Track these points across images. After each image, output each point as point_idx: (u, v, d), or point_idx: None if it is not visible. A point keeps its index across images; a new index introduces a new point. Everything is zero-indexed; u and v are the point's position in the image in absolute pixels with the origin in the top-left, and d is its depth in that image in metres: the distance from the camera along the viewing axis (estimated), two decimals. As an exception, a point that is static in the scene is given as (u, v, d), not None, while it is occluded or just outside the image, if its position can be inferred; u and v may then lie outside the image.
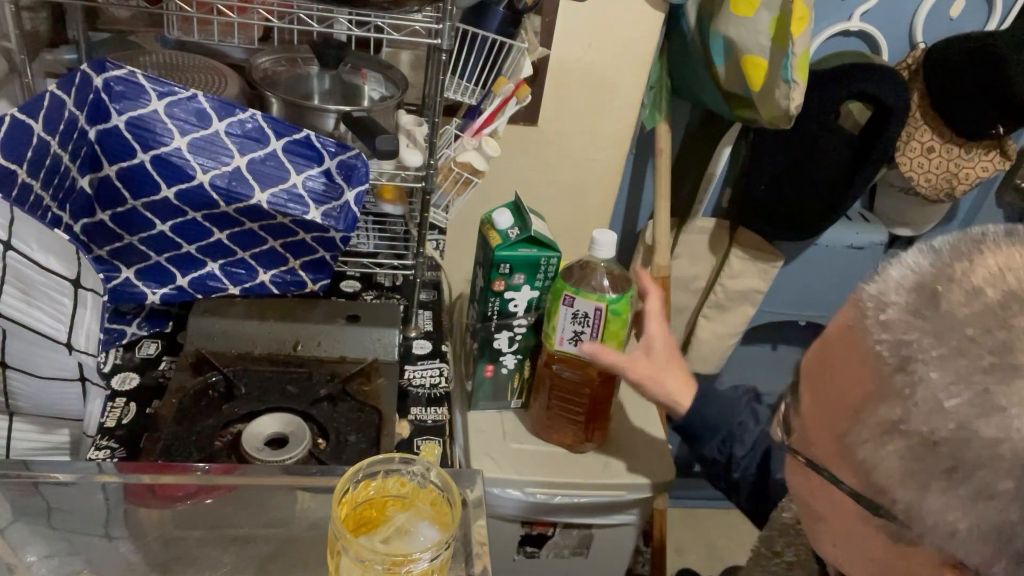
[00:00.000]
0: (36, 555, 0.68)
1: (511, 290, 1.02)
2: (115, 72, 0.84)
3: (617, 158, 1.45)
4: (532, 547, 1.18)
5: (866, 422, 0.39)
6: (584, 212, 1.50)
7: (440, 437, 0.95)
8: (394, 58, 1.19)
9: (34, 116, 0.73)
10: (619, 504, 1.11)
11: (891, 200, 1.58)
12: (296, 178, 0.91)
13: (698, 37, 1.25)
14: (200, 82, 1.00)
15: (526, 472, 1.06)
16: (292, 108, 0.95)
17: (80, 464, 0.82)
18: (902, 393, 0.37)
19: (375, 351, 1.00)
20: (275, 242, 0.99)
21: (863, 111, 1.38)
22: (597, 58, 1.32)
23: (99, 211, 0.90)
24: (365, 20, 0.89)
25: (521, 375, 1.11)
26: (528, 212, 1.01)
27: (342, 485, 0.61)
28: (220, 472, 0.78)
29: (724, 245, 1.58)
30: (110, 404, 0.91)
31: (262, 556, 0.71)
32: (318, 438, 0.88)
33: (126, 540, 0.72)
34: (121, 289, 0.97)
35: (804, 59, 1.11)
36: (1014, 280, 0.36)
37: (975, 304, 0.36)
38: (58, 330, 0.75)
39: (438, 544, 0.59)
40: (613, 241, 0.95)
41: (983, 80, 1.28)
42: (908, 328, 0.37)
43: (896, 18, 1.41)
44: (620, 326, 0.97)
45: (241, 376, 0.93)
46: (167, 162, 0.86)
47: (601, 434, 1.10)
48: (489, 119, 1.05)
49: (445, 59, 0.89)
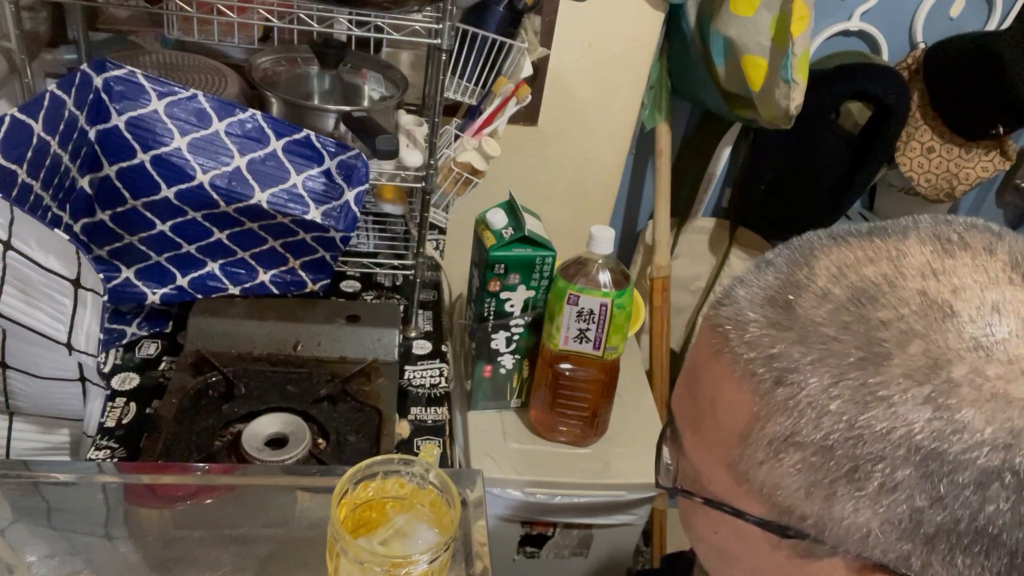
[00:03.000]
0: (36, 555, 0.68)
1: (507, 290, 1.02)
2: (115, 72, 0.84)
3: (617, 158, 1.45)
4: (532, 547, 1.18)
5: (757, 443, 0.38)
6: (584, 212, 1.50)
7: (440, 437, 0.96)
8: (394, 58, 1.19)
9: (34, 116, 0.73)
10: (619, 504, 1.11)
11: (891, 200, 1.58)
12: (296, 178, 0.91)
13: (698, 37, 1.25)
14: (200, 82, 1.00)
15: (526, 472, 1.06)
16: (292, 108, 0.95)
17: (80, 464, 0.82)
18: (786, 406, 0.37)
19: (375, 351, 1.00)
20: (275, 242, 0.99)
21: (863, 111, 1.38)
22: (597, 58, 1.32)
23: (99, 211, 0.90)
24: (365, 20, 0.89)
25: (520, 375, 1.11)
26: (522, 212, 1.01)
27: (341, 486, 0.61)
28: (220, 472, 0.78)
29: (724, 245, 1.58)
30: (110, 404, 0.91)
31: (262, 556, 0.71)
32: (318, 438, 0.88)
33: (126, 540, 0.72)
34: (121, 289, 0.97)
35: (804, 59, 1.11)
36: (855, 276, 0.37)
37: (827, 305, 0.37)
38: (58, 330, 0.75)
39: (437, 546, 0.59)
40: (611, 237, 0.95)
41: (983, 80, 1.28)
42: (774, 341, 0.37)
43: (896, 18, 1.41)
44: (624, 319, 0.98)
45: (241, 376, 0.93)
46: (167, 162, 0.86)
47: (605, 426, 1.10)
48: (489, 119, 1.05)
49: (445, 59, 0.89)
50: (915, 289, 0.35)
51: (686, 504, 0.47)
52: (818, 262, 0.38)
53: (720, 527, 0.44)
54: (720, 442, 0.41)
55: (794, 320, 0.37)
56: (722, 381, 0.40)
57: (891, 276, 0.36)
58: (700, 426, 0.43)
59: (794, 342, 0.37)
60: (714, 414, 0.41)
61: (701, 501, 0.43)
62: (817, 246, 0.40)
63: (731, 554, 0.45)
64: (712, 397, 0.41)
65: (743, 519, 0.41)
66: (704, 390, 0.42)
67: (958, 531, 0.35)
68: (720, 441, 0.41)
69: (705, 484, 0.43)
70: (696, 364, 0.43)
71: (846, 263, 0.38)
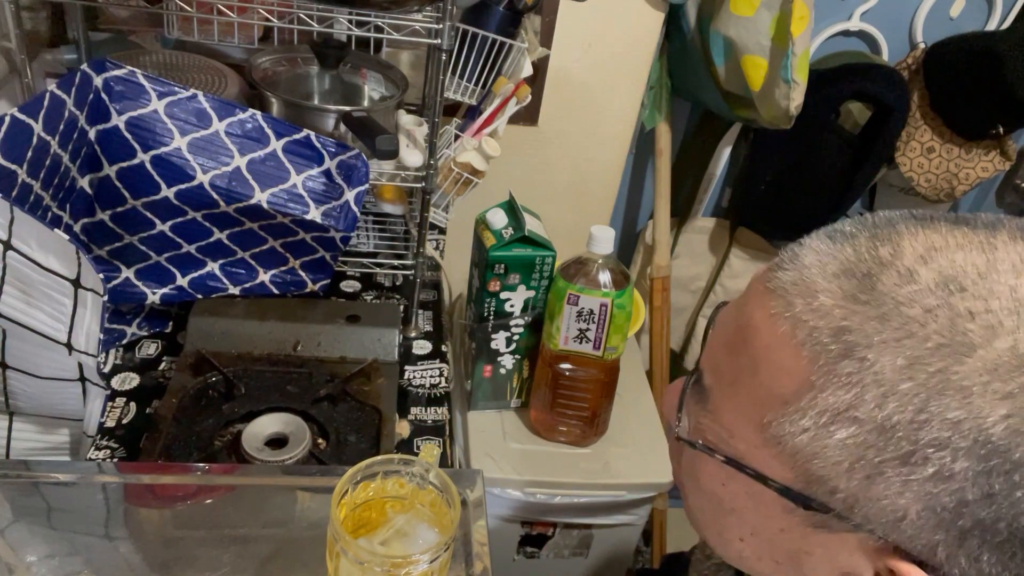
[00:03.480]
0: (36, 555, 0.68)
1: (507, 290, 1.02)
2: (115, 72, 0.84)
3: (617, 158, 1.45)
4: (532, 547, 1.18)
5: (804, 411, 0.38)
6: (584, 212, 1.50)
7: (440, 437, 0.96)
8: (394, 58, 1.19)
9: (34, 116, 0.73)
10: (619, 504, 1.11)
11: (891, 200, 1.58)
12: (296, 178, 0.91)
13: (698, 37, 1.25)
14: (200, 82, 1.00)
15: (526, 472, 1.06)
16: (292, 108, 0.95)
17: (80, 464, 0.82)
18: (849, 380, 0.36)
19: (375, 351, 1.00)
20: (275, 242, 0.99)
21: (863, 111, 1.38)
22: (597, 58, 1.32)
23: (99, 211, 0.90)
24: (365, 20, 0.89)
25: (520, 375, 1.11)
26: (522, 211, 1.01)
27: (341, 486, 0.61)
28: (220, 472, 0.78)
29: (724, 245, 1.58)
30: (110, 404, 0.91)
31: (262, 556, 0.71)
32: (318, 438, 0.88)
33: (126, 540, 0.72)
34: (121, 289, 0.97)
35: (804, 59, 1.11)
36: (945, 261, 0.36)
37: (912, 285, 0.36)
38: (58, 330, 0.75)
39: (437, 546, 0.59)
40: (611, 237, 0.95)
41: (983, 80, 1.28)
42: (848, 313, 0.37)
43: (896, 18, 1.41)
44: (624, 319, 0.98)
45: (241, 376, 0.93)
46: (167, 162, 0.86)
47: (605, 425, 1.10)
48: (489, 119, 1.05)
49: (445, 59, 0.89)
50: (1008, 284, 0.35)
51: (694, 455, 0.46)
52: (903, 241, 0.38)
53: (730, 481, 0.43)
54: (757, 402, 0.40)
55: (873, 295, 0.36)
56: (777, 344, 0.39)
57: (982, 268, 0.36)
58: (737, 384, 0.42)
59: (870, 317, 0.36)
60: (756, 374, 0.40)
61: (722, 459, 0.43)
62: (901, 225, 0.39)
63: (733, 508, 0.45)
64: (758, 357, 0.40)
65: (764, 483, 0.41)
66: (750, 350, 0.41)
67: (995, 528, 0.35)
68: (757, 401, 0.40)
69: (728, 440, 0.43)
70: (745, 324, 0.42)
71: (934, 246, 0.37)
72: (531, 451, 1.09)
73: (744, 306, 0.43)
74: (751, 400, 0.41)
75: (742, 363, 0.41)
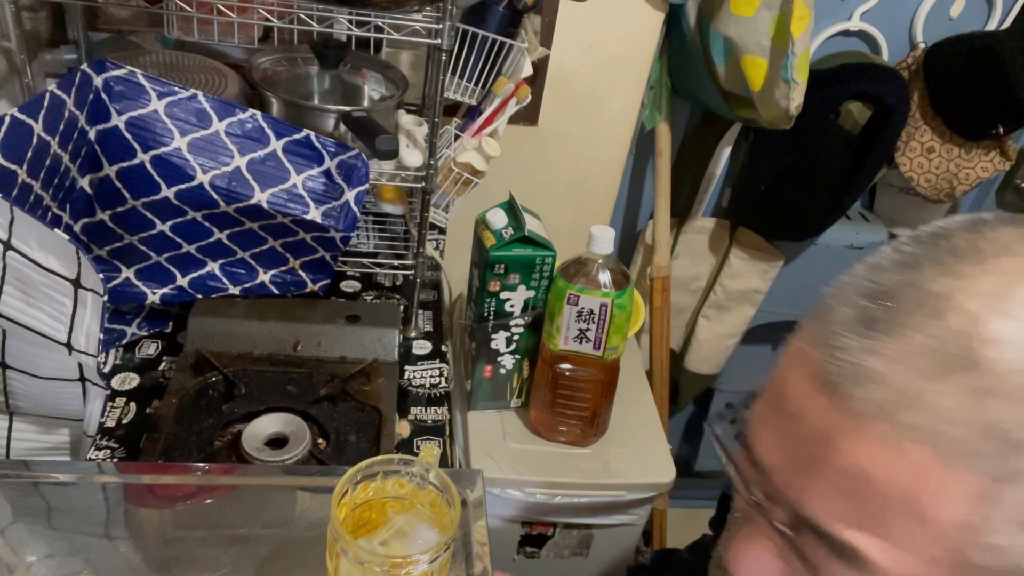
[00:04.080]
0: (36, 555, 0.68)
1: (507, 290, 1.02)
2: (115, 72, 0.84)
3: (617, 158, 1.45)
4: (532, 547, 1.18)
5: (993, 527, 0.34)
6: (584, 212, 1.50)
7: (440, 437, 0.96)
8: (394, 58, 1.19)
9: (34, 116, 0.73)
10: (619, 504, 1.11)
11: (891, 200, 1.58)
12: (296, 178, 0.91)
13: (698, 37, 1.25)
14: (200, 82, 1.00)
15: (526, 472, 1.06)
16: (292, 108, 0.95)
17: (80, 464, 0.82)
18: None
19: (375, 351, 1.00)
20: (275, 242, 0.99)
21: (863, 111, 1.38)
22: (597, 58, 1.32)
23: (99, 211, 0.90)
24: (365, 20, 0.89)
25: (520, 375, 1.11)
26: (522, 211, 1.01)
27: (341, 486, 0.61)
28: (220, 472, 0.78)
29: (724, 245, 1.58)
30: (110, 404, 0.91)
31: (262, 556, 0.71)
32: (318, 438, 0.88)
33: (126, 540, 0.72)
34: (121, 289, 0.97)
35: (804, 59, 1.11)
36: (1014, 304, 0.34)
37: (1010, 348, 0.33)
38: (58, 330, 0.75)
39: (437, 546, 0.59)
40: (611, 237, 0.95)
41: (983, 80, 1.28)
42: (975, 404, 0.34)
43: (896, 18, 1.41)
44: (624, 319, 0.98)
45: (241, 376, 0.93)
46: (167, 162, 0.86)
47: (605, 425, 1.10)
48: (489, 119, 1.05)
49: (445, 59, 0.89)
50: None
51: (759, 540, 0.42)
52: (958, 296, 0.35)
53: None
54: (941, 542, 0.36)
55: (980, 376, 0.33)
56: (923, 472, 0.35)
57: None
58: (887, 532, 0.36)
59: (1001, 397, 0.33)
60: (920, 518, 0.35)
61: None
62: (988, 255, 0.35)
63: None
64: (908, 498, 0.35)
65: None
66: (895, 493, 0.35)
67: None
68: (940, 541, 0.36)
69: None
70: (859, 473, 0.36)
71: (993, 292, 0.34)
72: (531, 451, 1.09)
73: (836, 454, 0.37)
74: (932, 542, 0.36)
75: (893, 510, 0.36)
